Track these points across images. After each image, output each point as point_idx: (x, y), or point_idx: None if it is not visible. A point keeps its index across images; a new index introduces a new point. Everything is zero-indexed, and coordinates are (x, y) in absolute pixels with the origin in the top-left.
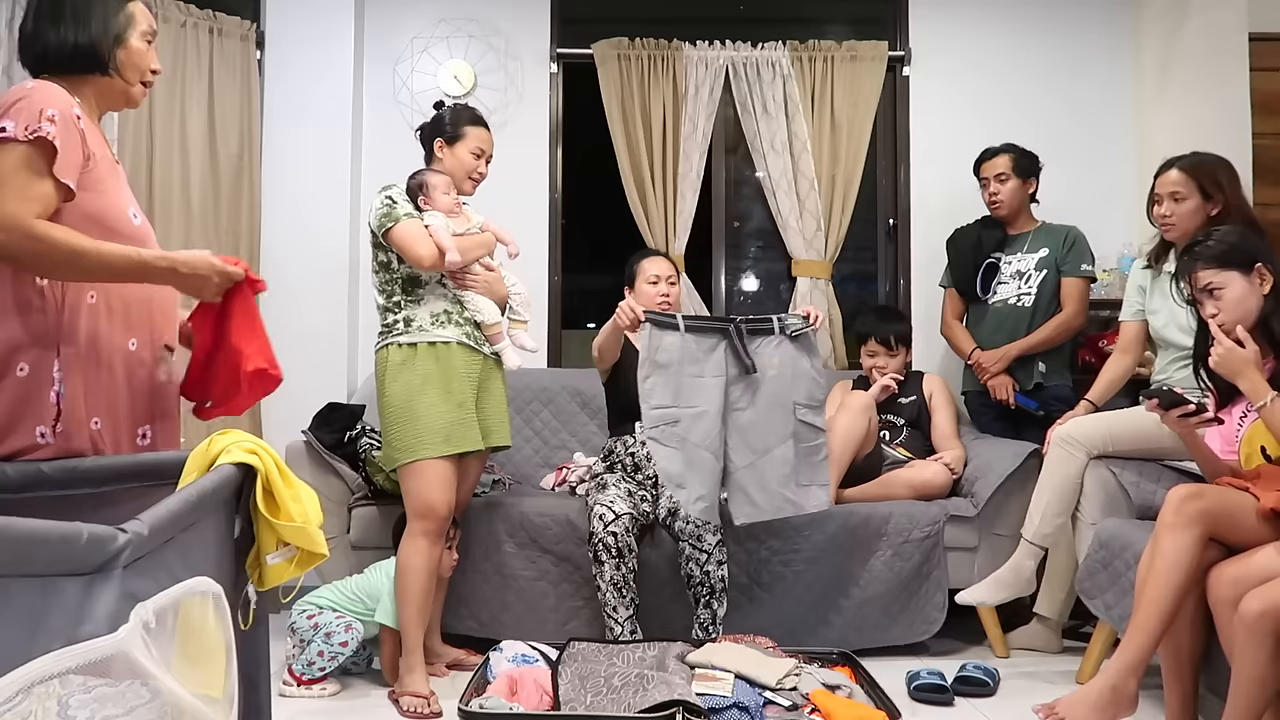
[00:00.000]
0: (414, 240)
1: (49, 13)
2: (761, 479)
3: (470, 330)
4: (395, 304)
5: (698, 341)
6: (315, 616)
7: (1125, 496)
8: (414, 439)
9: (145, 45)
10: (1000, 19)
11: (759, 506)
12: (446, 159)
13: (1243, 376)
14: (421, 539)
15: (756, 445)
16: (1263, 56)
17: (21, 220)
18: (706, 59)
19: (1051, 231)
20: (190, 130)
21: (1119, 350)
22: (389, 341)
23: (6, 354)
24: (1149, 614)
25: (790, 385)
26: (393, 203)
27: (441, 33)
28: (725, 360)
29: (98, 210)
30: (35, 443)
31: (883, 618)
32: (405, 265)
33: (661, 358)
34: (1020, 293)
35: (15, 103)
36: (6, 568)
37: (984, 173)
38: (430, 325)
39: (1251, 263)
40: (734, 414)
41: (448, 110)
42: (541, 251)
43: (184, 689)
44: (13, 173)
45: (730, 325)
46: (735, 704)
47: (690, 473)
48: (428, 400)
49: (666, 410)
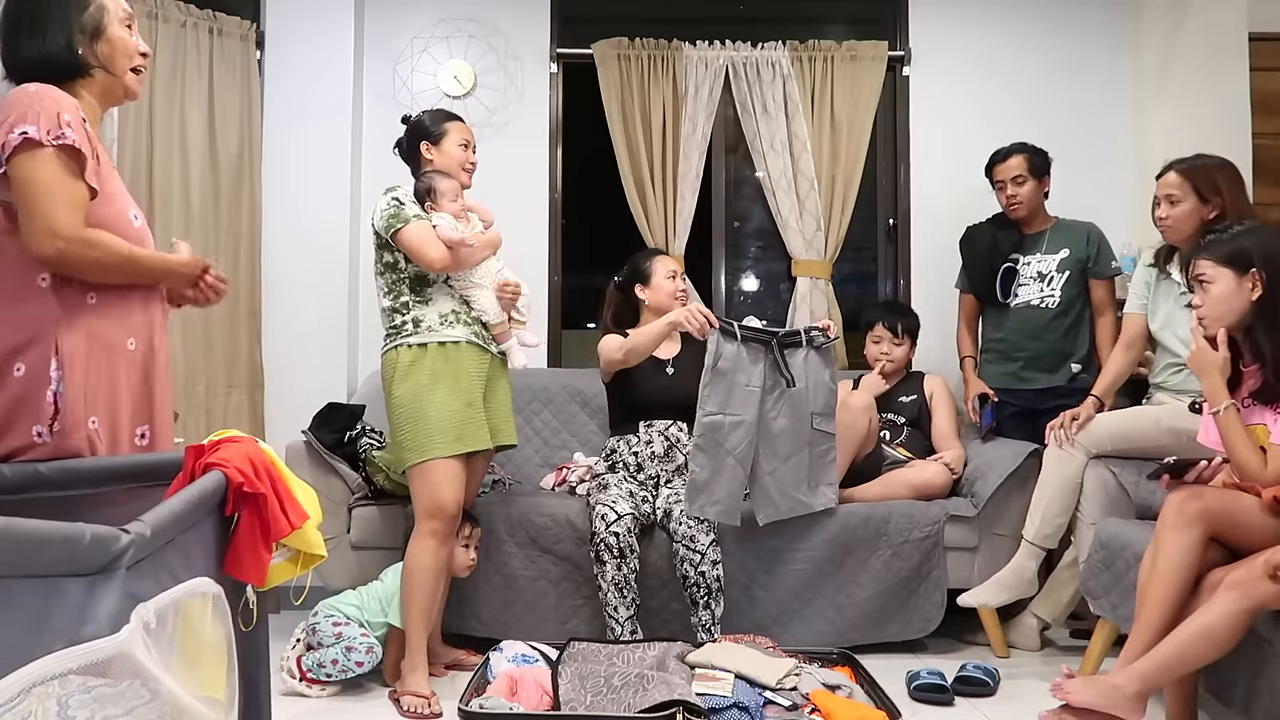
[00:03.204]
0: (424, 242)
1: (10, 29)
2: (780, 483)
3: (478, 329)
4: (403, 305)
5: (748, 352)
6: (341, 626)
7: (1125, 496)
8: (424, 438)
9: (126, 31)
10: (1000, 19)
11: (778, 507)
12: (437, 158)
13: (1206, 378)
14: (430, 539)
15: (781, 452)
16: (1263, 56)
17: (79, 229)
18: (706, 59)
19: (1070, 229)
20: (190, 130)
21: (1122, 344)
22: (398, 343)
23: (5, 354)
24: (1153, 615)
25: (811, 396)
26: (400, 204)
27: (441, 33)
28: (765, 371)
29: (104, 214)
30: (31, 442)
31: (881, 616)
32: (413, 265)
33: (723, 365)
34: (1044, 295)
35: (27, 107)
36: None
37: (999, 175)
38: (439, 325)
39: (1249, 267)
40: (767, 422)
41: (419, 116)
42: (541, 251)
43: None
44: (57, 180)
45: (773, 340)
46: (735, 704)
47: (715, 479)
48: (437, 399)
49: (714, 417)
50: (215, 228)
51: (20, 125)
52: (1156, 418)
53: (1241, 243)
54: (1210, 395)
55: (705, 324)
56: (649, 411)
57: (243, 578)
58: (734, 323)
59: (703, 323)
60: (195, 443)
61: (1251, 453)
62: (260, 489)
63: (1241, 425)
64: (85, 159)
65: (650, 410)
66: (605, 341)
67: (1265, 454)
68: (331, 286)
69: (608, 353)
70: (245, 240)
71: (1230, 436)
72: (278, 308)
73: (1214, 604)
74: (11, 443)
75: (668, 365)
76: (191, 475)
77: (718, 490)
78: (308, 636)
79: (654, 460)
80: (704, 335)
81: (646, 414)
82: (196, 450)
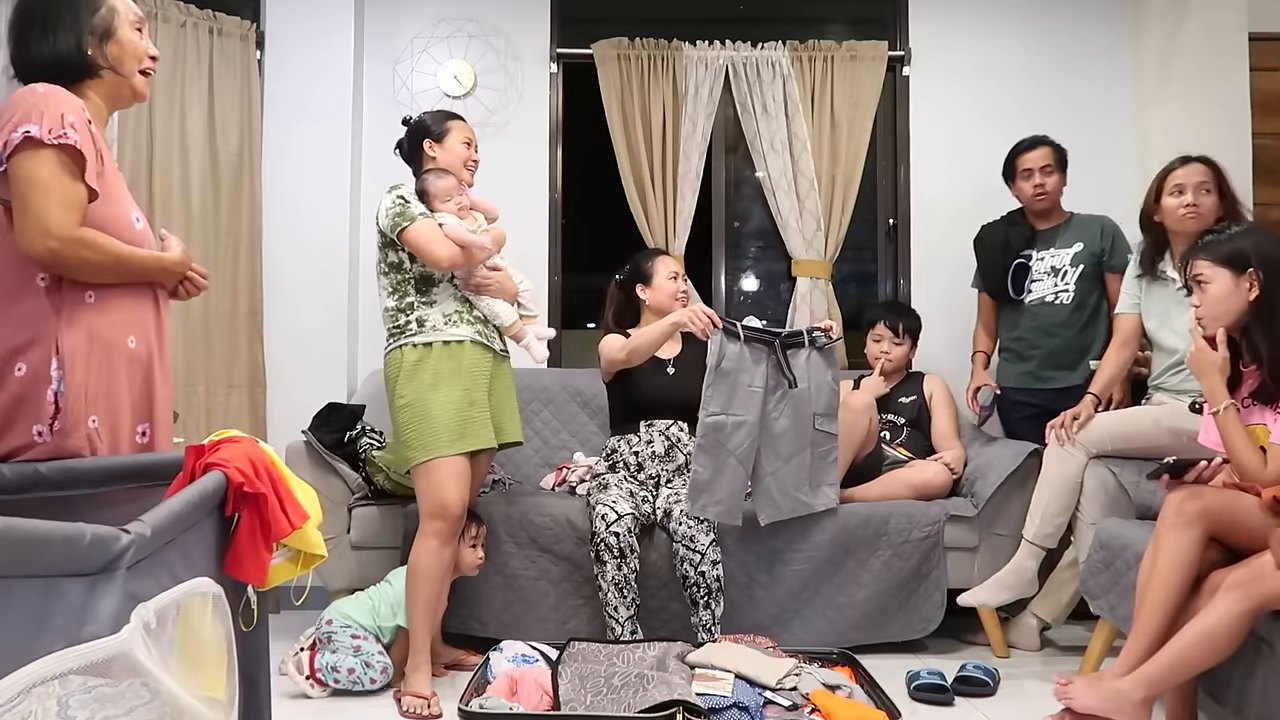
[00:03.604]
0: (432, 241)
1: (22, 28)
2: (782, 483)
3: (482, 328)
4: (408, 305)
5: (751, 352)
6: (360, 640)
7: (1125, 496)
8: (430, 437)
9: (136, 34)
10: (1000, 18)
11: (779, 508)
12: (441, 155)
13: (1205, 378)
14: (434, 539)
15: (783, 452)
16: (1263, 56)
17: (73, 229)
18: (706, 59)
19: (1084, 224)
20: (190, 130)
21: (1117, 344)
22: (402, 343)
23: (6, 354)
24: (1153, 615)
25: (813, 396)
26: (405, 202)
27: (441, 33)
28: (767, 372)
29: (104, 215)
30: (32, 441)
31: (881, 616)
32: (418, 265)
33: (726, 365)
34: (1058, 290)
35: (32, 107)
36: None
37: (1026, 164)
38: (443, 325)
39: (1246, 268)
40: (769, 423)
41: (421, 116)
42: (541, 251)
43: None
44: (54, 180)
45: (776, 340)
46: (735, 704)
47: (717, 479)
48: (440, 398)
49: (717, 418)
50: (215, 228)
51: (24, 125)
52: (1156, 418)
53: (1239, 244)
54: (1210, 395)
55: (709, 325)
56: (650, 411)
57: (243, 578)
58: (737, 323)
59: (706, 323)
60: (195, 443)
61: (1251, 452)
62: (260, 489)
63: (1241, 425)
64: (86, 160)
65: (651, 410)
66: (607, 341)
67: (1265, 454)
68: (332, 286)
69: (609, 353)
70: (245, 240)
71: (1230, 436)
72: (278, 308)
73: (1215, 606)
74: (11, 442)
75: (668, 365)
76: (192, 475)
77: (719, 490)
78: (322, 644)
79: (654, 460)
80: (707, 336)
81: (647, 413)
82: (197, 450)
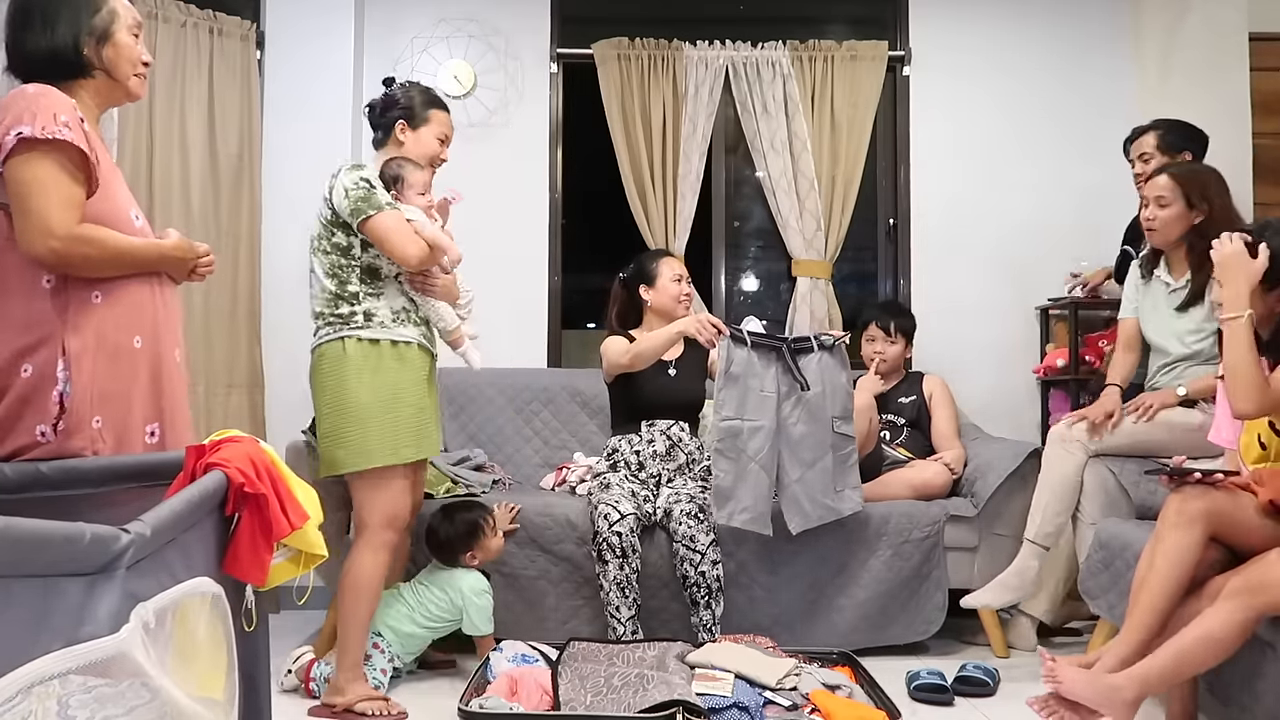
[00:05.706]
0: (401, 236)
1: (20, 21)
2: (809, 490)
3: (425, 330)
4: (352, 294)
5: (760, 357)
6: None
7: (1125, 496)
8: (391, 441)
9: (133, 39)
10: (1000, 19)
11: (808, 516)
12: (409, 143)
13: (1231, 283)
14: (384, 551)
15: (805, 458)
16: (1263, 56)
17: (72, 227)
18: (706, 59)
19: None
20: (190, 130)
21: (1122, 348)
22: (345, 334)
23: (11, 356)
24: (1146, 611)
25: (829, 400)
26: (371, 187)
27: (441, 33)
28: (778, 377)
29: (102, 212)
30: (35, 441)
31: (882, 617)
32: (367, 253)
33: (735, 370)
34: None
35: (24, 109)
36: (9, 568)
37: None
38: (392, 322)
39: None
40: (787, 429)
41: (405, 89)
42: (541, 251)
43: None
44: (51, 179)
45: (783, 345)
46: (735, 704)
47: (740, 485)
48: (398, 401)
49: (732, 423)
50: (215, 227)
51: (16, 127)
52: (1170, 425)
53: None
54: (1230, 301)
55: (715, 334)
56: (651, 412)
57: (243, 578)
58: (743, 330)
59: (713, 333)
60: (195, 443)
61: (1254, 371)
62: (261, 489)
63: (1251, 343)
64: (83, 155)
65: (653, 410)
66: (610, 344)
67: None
68: None
69: (613, 355)
70: (245, 240)
71: (1235, 350)
72: (278, 308)
73: (1216, 611)
74: (15, 442)
75: (670, 367)
76: (192, 475)
77: (744, 497)
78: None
79: (656, 459)
80: (713, 345)
81: (649, 414)
82: (197, 450)
